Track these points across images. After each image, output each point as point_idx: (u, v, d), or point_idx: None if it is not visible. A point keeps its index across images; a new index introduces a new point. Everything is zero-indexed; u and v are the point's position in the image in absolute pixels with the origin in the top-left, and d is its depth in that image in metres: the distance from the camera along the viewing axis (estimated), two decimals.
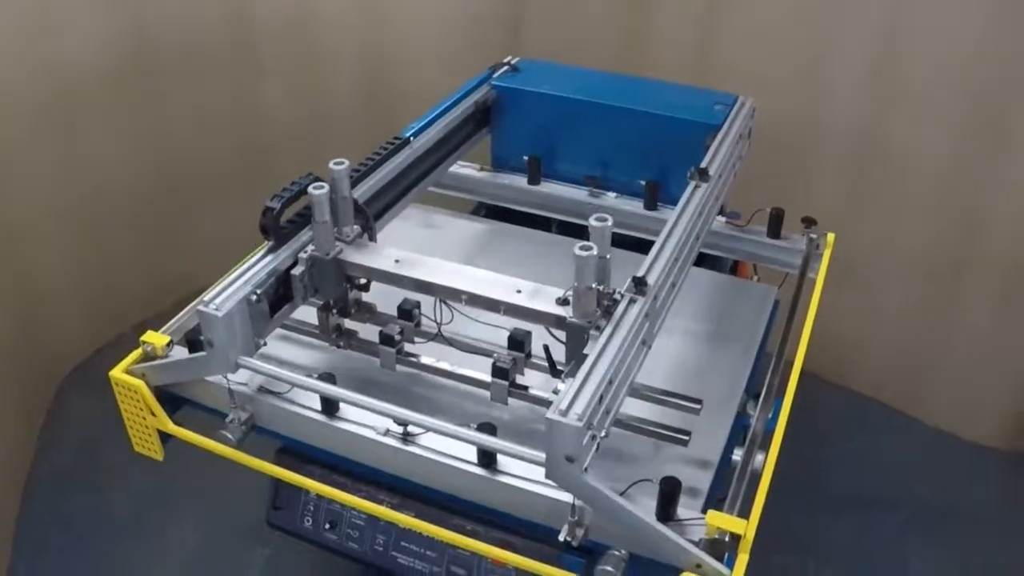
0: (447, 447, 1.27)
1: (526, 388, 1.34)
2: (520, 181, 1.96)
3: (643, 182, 1.85)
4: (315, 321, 1.47)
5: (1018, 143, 2.30)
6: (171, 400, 1.42)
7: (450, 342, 1.42)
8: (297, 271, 1.38)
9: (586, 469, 1.09)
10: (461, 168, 1.99)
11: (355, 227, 1.44)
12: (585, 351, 1.17)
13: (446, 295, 1.36)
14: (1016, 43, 2.20)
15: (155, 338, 1.38)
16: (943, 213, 2.50)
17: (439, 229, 1.96)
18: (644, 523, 1.12)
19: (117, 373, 1.36)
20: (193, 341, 1.36)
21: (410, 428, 1.27)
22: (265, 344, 1.35)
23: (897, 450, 2.77)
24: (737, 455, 1.36)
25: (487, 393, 1.36)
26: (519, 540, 1.30)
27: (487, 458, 1.24)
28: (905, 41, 2.33)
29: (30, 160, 2.61)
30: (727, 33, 2.53)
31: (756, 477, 1.25)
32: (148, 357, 1.38)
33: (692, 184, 1.55)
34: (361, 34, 2.90)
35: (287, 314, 1.43)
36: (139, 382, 1.35)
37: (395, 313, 1.41)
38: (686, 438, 1.33)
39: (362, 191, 1.51)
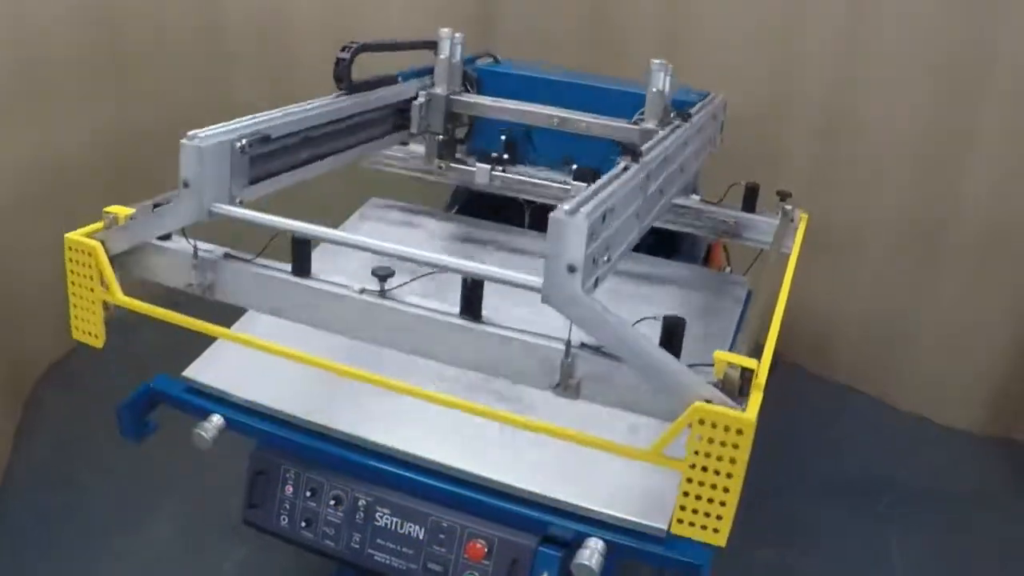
0: (427, 303, 1.17)
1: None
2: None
3: None
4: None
5: (987, 117, 2.39)
6: (144, 394, 1.41)
7: (534, 163, 1.87)
8: (417, 102, 1.77)
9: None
10: None
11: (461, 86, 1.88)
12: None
13: (539, 121, 1.78)
14: (985, 15, 2.31)
15: (118, 209, 1.29)
16: (914, 190, 2.57)
17: (417, 227, 2.02)
18: (646, 349, 1.03)
19: (73, 235, 1.25)
20: (159, 204, 1.28)
21: (388, 283, 1.19)
22: (242, 203, 1.27)
23: (876, 437, 2.78)
24: None
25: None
26: (498, 529, 1.30)
27: (471, 306, 1.15)
28: (874, 17, 2.44)
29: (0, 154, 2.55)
30: (697, 13, 2.65)
31: None
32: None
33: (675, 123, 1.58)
34: (332, 28, 2.94)
35: (398, 139, 1.81)
36: (95, 243, 1.23)
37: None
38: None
39: None
